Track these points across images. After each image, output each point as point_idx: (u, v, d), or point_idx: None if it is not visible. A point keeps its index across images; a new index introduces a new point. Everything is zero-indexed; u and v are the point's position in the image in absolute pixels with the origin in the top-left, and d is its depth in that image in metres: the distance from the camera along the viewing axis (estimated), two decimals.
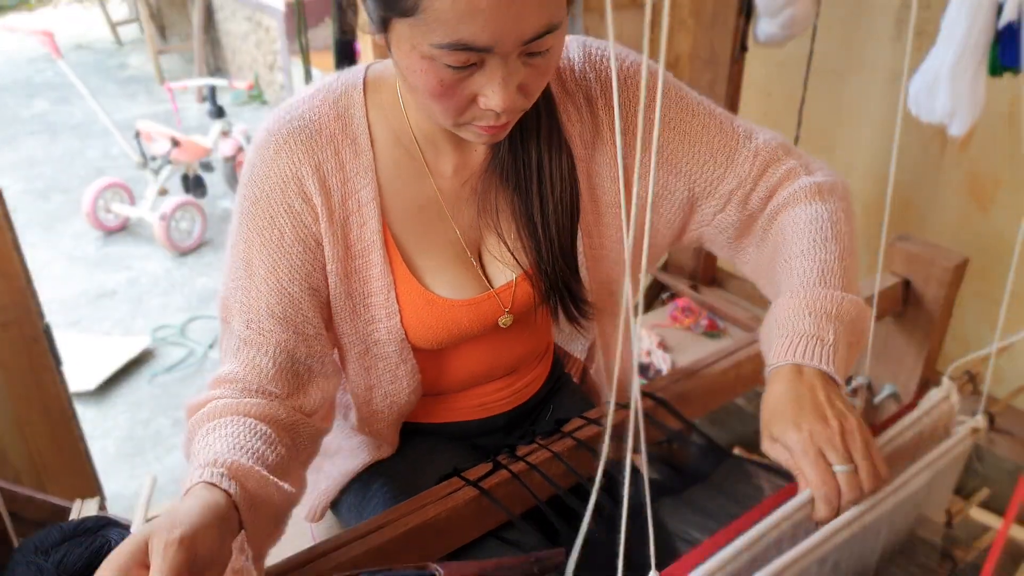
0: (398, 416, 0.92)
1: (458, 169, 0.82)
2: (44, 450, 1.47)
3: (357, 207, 0.79)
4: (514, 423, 1.01)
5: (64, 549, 0.97)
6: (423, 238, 0.83)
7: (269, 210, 0.76)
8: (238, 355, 0.77)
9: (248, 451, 0.68)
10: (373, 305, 0.82)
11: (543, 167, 0.81)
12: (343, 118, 0.78)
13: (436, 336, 0.84)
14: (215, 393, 0.76)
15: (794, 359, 0.69)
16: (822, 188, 0.85)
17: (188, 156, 3.68)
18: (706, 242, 0.92)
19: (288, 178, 0.76)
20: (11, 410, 1.42)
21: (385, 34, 0.68)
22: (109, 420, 2.43)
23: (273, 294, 0.77)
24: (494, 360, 0.93)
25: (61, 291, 3.18)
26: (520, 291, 0.86)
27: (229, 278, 0.80)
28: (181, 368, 2.70)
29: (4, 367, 1.37)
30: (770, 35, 1.75)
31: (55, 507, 1.19)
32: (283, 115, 0.78)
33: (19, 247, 1.35)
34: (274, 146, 0.76)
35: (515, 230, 0.83)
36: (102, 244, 3.59)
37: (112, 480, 2.11)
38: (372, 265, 0.80)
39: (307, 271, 0.78)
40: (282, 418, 0.76)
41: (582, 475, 0.86)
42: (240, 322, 0.78)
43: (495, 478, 0.84)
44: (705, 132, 0.84)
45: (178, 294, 3.18)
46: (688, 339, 1.88)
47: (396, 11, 0.63)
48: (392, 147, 0.80)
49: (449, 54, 0.63)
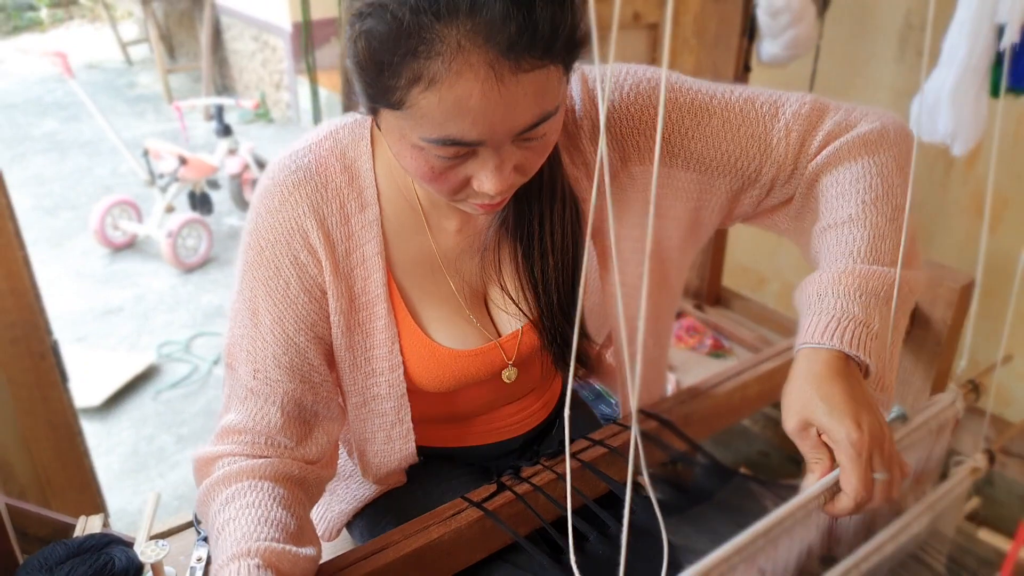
0: (393, 469, 0.91)
1: (462, 227, 0.82)
2: (49, 466, 1.47)
3: (361, 260, 0.78)
4: (529, 444, 1.01)
5: (68, 566, 0.97)
6: (427, 290, 0.82)
7: (275, 260, 0.76)
8: (245, 404, 0.77)
9: (272, 523, 0.69)
10: (375, 358, 0.81)
11: (544, 221, 0.79)
12: (350, 171, 0.77)
13: (442, 383, 0.84)
14: (225, 449, 0.76)
15: (841, 345, 0.65)
16: (867, 140, 0.77)
17: (195, 174, 3.71)
18: (748, 222, 0.87)
19: (293, 230, 0.75)
20: (17, 426, 1.42)
21: (374, 117, 0.67)
22: (114, 436, 2.43)
23: (279, 344, 0.77)
24: (500, 398, 0.93)
25: (68, 307, 3.19)
26: (525, 341, 0.85)
27: (235, 325, 0.79)
28: (185, 384, 2.70)
29: (12, 382, 1.38)
30: (773, 55, 1.76)
31: (59, 524, 1.19)
32: (289, 163, 0.76)
33: (29, 264, 1.36)
34: (279, 197, 0.75)
35: (518, 282, 0.82)
36: (109, 261, 3.61)
37: (116, 496, 2.11)
38: (376, 318, 0.80)
39: (313, 321, 0.78)
40: (295, 474, 0.77)
41: (587, 496, 0.85)
42: (247, 371, 0.77)
43: (500, 499, 0.84)
44: (729, 128, 0.78)
45: (183, 311, 3.19)
46: (693, 359, 1.87)
47: (382, 103, 0.62)
48: (397, 201, 0.79)
49: (438, 148, 0.62)
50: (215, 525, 0.72)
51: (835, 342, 0.65)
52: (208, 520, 0.74)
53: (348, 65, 0.63)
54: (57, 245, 3.75)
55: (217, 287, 3.38)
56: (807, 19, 1.68)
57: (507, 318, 0.85)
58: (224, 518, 0.71)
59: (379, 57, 0.59)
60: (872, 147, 0.77)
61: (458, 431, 0.96)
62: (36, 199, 4.23)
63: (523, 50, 0.57)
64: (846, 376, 0.64)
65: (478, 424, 0.95)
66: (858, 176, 0.75)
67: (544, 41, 0.58)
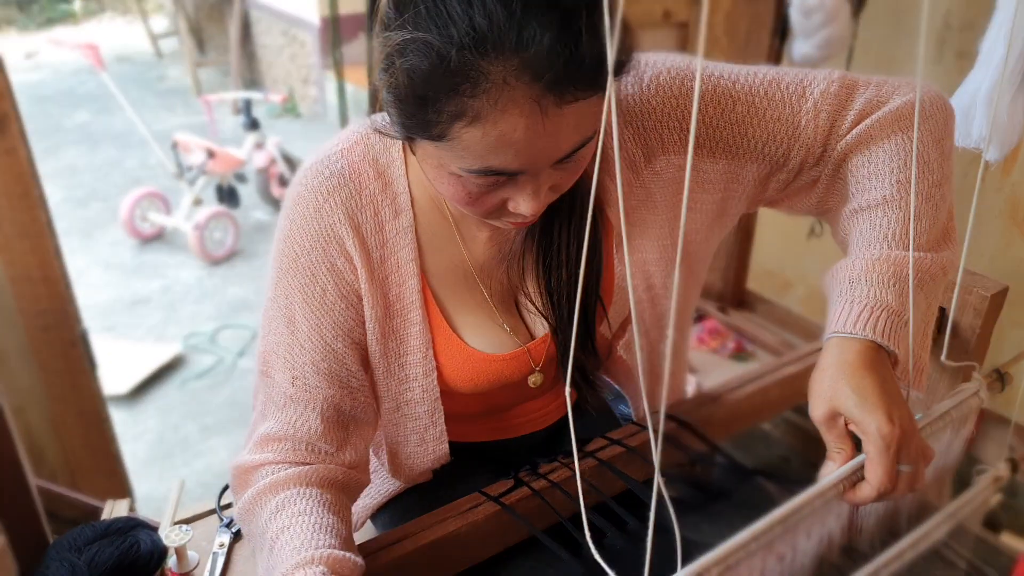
0: (425, 469, 0.92)
1: (493, 235, 0.81)
2: (78, 451, 1.51)
3: (396, 267, 0.78)
4: (555, 437, 1.01)
5: (96, 548, 1.00)
6: (460, 296, 0.82)
7: (310, 267, 0.75)
8: (284, 412, 0.77)
9: (327, 529, 0.70)
10: (409, 364, 0.81)
11: (563, 231, 0.79)
12: (383, 177, 0.76)
13: (476, 385, 0.84)
14: (266, 457, 0.77)
15: (874, 335, 0.64)
16: (900, 115, 0.74)
17: (222, 167, 3.76)
18: (772, 206, 0.85)
19: (329, 237, 0.75)
20: (48, 411, 1.46)
21: (409, 144, 0.67)
22: (140, 424, 2.47)
23: (318, 350, 0.76)
24: (527, 394, 0.94)
25: (97, 297, 3.25)
26: (552, 346, 0.85)
27: (270, 332, 0.79)
28: (211, 375, 2.74)
29: (43, 369, 1.41)
30: (805, 55, 1.74)
31: (88, 507, 1.22)
32: (322, 169, 0.76)
33: (60, 254, 1.39)
34: (314, 203, 0.75)
35: (540, 290, 0.82)
36: (138, 252, 3.67)
37: (142, 482, 2.15)
38: (411, 324, 0.80)
39: (350, 327, 0.77)
40: (339, 480, 0.78)
41: (604, 493, 0.86)
42: (284, 378, 0.77)
43: (516, 494, 0.85)
44: (755, 112, 0.75)
45: (209, 303, 3.23)
46: (714, 362, 1.86)
47: (421, 135, 0.62)
48: (429, 209, 0.79)
49: (478, 177, 0.62)
50: (267, 534, 0.71)
51: (868, 332, 0.64)
52: (256, 529, 0.74)
53: (385, 97, 0.62)
54: (87, 236, 3.82)
55: (243, 280, 3.42)
56: (841, 18, 1.66)
57: (535, 324, 0.85)
58: (277, 526, 0.71)
59: (421, 92, 0.58)
60: (906, 122, 0.74)
61: (486, 426, 0.96)
62: (68, 190, 4.31)
63: (568, 83, 0.57)
64: (878, 367, 0.63)
65: (506, 419, 0.96)
66: (892, 154, 0.72)
67: (589, 73, 0.57)
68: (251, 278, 3.43)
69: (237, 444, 2.36)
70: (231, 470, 0.80)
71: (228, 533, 1.13)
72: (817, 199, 0.81)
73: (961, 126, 1.22)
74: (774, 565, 0.58)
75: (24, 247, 1.31)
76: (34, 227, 1.31)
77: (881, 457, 0.59)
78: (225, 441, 2.39)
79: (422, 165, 0.68)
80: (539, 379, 0.87)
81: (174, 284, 3.39)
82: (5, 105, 1.21)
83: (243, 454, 0.79)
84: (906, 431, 0.60)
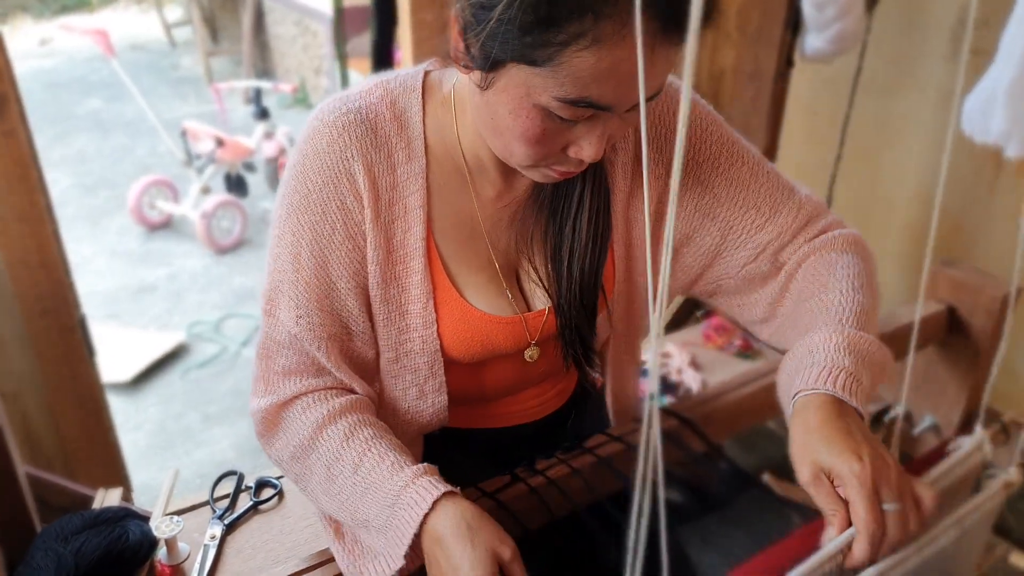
0: (418, 432, 0.91)
1: (501, 194, 0.81)
2: (75, 438, 1.50)
3: (403, 212, 0.77)
4: (542, 432, 0.99)
5: (83, 537, 0.98)
6: (463, 253, 0.82)
7: (322, 204, 0.75)
8: (291, 348, 0.78)
9: (405, 450, 0.75)
10: (409, 313, 0.81)
11: (583, 201, 0.80)
12: (400, 119, 0.76)
13: (471, 349, 0.83)
14: (294, 390, 0.78)
15: (834, 390, 0.67)
16: (857, 242, 0.85)
17: (231, 156, 3.75)
18: (720, 295, 0.89)
19: (341, 172, 0.74)
20: (45, 398, 1.45)
21: (489, 73, 0.66)
22: (142, 413, 2.47)
23: (323, 288, 0.77)
24: (523, 375, 0.92)
25: (103, 284, 3.25)
26: (549, 322, 0.85)
27: (275, 270, 0.78)
28: (214, 364, 2.74)
29: (40, 355, 1.40)
30: (817, 50, 1.71)
31: (79, 495, 1.20)
32: (339, 105, 0.75)
33: (59, 238, 1.38)
34: (328, 137, 0.74)
35: (543, 262, 0.83)
36: (145, 240, 3.67)
37: (141, 472, 2.14)
38: (412, 272, 0.79)
39: (355, 268, 0.77)
40: (374, 410, 0.81)
41: (601, 492, 0.84)
42: (289, 317, 0.77)
43: (513, 491, 0.83)
44: (754, 180, 0.83)
45: (215, 291, 3.23)
46: (720, 359, 1.84)
47: (523, 59, 0.61)
48: (443, 158, 0.79)
49: (568, 108, 0.62)
50: (344, 458, 0.74)
51: (828, 386, 0.67)
52: (323, 458, 0.76)
53: (474, 23, 0.62)
54: (95, 223, 3.83)
55: (249, 269, 3.41)
56: (855, 12, 1.62)
57: (535, 296, 0.85)
58: (356, 451, 0.74)
59: (545, 11, 0.58)
60: (860, 250, 0.85)
61: (476, 411, 0.95)
62: (77, 177, 4.32)
63: (675, 25, 0.59)
64: (841, 416, 0.66)
65: (493, 407, 0.94)
66: (848, 264, 0.81)
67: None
68: (258, 267, 3.43)
69: (240, 434, 2.35)
70: (254, 415, 0.80)
71: (220, 525, 1.12)
72: (775, 290, 0.85)
73: (979, 122, 1.19)
74: None
75: (22, 231, 1.30)
76: (33, 211, 1.30)
77: (859, 498, 0.60)
78: (227, 431, 2.39)
79: (495, 99, 0.66)
80: (535, 353, 0.86)
81: (180, 272, 3.38)
82: (5, 86, 1.20)
83: (263, 397, 0.80)
84: (878, 467, 0.61)
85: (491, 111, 0.68)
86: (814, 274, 0.82)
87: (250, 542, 1.07)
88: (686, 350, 1.84)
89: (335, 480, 0.75)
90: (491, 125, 0.69)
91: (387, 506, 0.70)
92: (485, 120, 0.69)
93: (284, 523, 1.10)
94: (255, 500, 1.18)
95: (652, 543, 0.53)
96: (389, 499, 0.70)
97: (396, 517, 0.69)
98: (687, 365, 1.79)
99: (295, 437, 0.78)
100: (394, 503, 0.69)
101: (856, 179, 2.06)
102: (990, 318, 1.16)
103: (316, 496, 0.78)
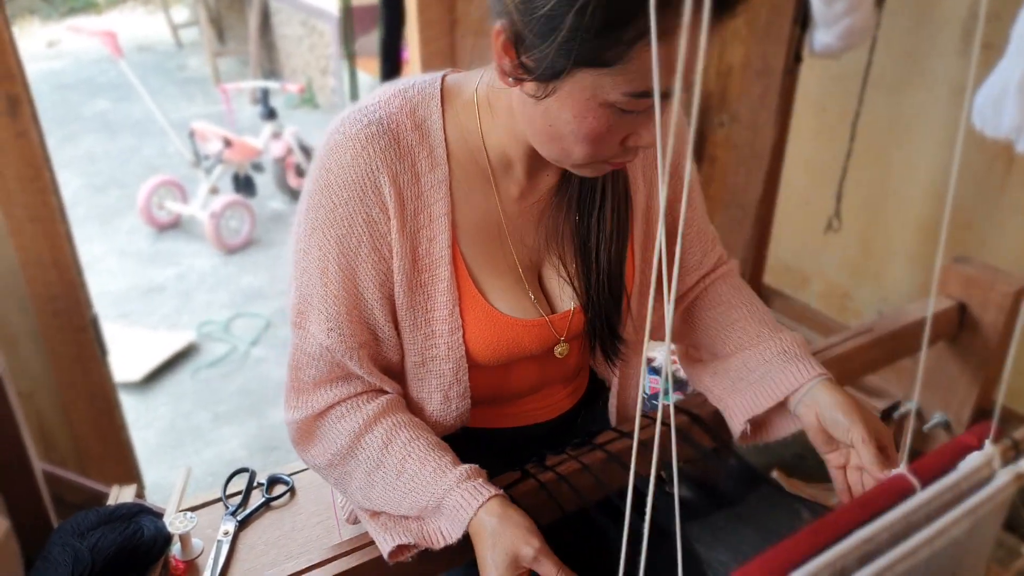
0: (448, 427, 0.91)
1: (524, 193, 0.82)
2: (88, 436, 1.51)
3: (428, 221, 0.78)
4: (554, 432, 1.00)
5: (99, 533, 0.99)
6: (487, 257, 0.82)
7: (348, 218, 0.75)
8: (323, 360, 0.79)
9: (446, 448, 0.78)
10: (435, 320, 0.81)
11: (605, 192, 0.81)
12: (421, 128, 0.77)
13: (497, 353, 0.83)
14: (330, 399, 0.80)
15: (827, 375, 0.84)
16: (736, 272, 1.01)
17: (239, 156, 3.76)
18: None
19: (367, 187, 0.74)
20: (58, 396, 1.46)
21: (551, 82, 0.66)
22: (152, 411, 2.48)
23: (351, 300, 0.77)
24: (545, 377, 0.93)
25: (113, 284, 3.27)
26: (576, 320, 0.85)
27: (302, 284, 0.79)
28: (224, 364, 2.75)
29: (53, 354, 1.41)
30: (826, 46, 1.70)
31: (94, 492, 1.22)
32: (360, 117, 0.75)
33: (72, 239, 1.39)
34: (352, 150, 0.74)
35: (572, 258, 0.84)
36: (154, 240, 3.69)
37: (152, 470, 2.16)
38: (439, 280, 0.80)
39: (381, 280, 0.78)
40: (401, 401, 0.83)
41: (611, 488, 0.84)
42: (320, 329, 0.78)
43: (523, 487, 0.83)
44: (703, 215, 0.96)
45: (224, 291, 3.24)
46: None
47: (594, 62, 0.62)
48: (466, 163, 0.79)
49: (635, 101, 0.64)
50: (387, 462, 0.77)
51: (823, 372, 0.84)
52: (364, 464, 0.78)
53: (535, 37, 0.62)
54: (105, 223, 3.85)
55: (258, 269, 3.43)
56: (864, 7, 1.62)
57: (560, 296, 0.85)
58: (398, 455, 0.76)
59: (613, 13, 0.59)
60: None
61: (492, 412, 0.95)
62: (86, 177, 4.34)
63: (726, 8, 0.61)
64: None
65: (512, 406, 0.95)
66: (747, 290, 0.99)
67: (732, 4, 0.62)
68: (266, 267, 3.44)
69: (249, 433, 2.36)
70: (289, 425, 0.82)
71: (233, 521, 1.12)
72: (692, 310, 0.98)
73: (990, 117, 1.18)
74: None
75: (35, 231, 1.31)
76: (45, 211, 1.31)
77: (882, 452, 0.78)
78: (237, 430, 2.40)
79: (559, 107, 0.67)
80: (565, 349, 0.87)
81: (189, 272, 3.40)
82: (17, 88, 1.21)
83: (296, 410, 0.81)
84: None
85: (549, 118, 0.68)
86: (734, 294, 0.97)
87: (263, 538, 1.08)
88: None
89: (375, 486, 0.77)
90: (548, 132, 0.69)
91: (433, 508, 0.74)
92: (540, 128, 0.70)
93: (296, 519, 1.11)
94: (267, 496, 1.19)
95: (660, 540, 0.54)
96: (434, 501, 0.74)
97: (442, 519, 0.74)
98: None
99: (332, 446, 0.79)
100: (439, 505, 0.73)
101: (866, 176, 2.06)
102: (1002, 314, 1.16)
103: (353, 496, 0.80)
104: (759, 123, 1.85)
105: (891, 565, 0.58)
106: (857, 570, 0.58)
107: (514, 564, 0.69)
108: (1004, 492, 0.66)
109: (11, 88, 1.20)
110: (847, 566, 0.59)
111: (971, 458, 0.69)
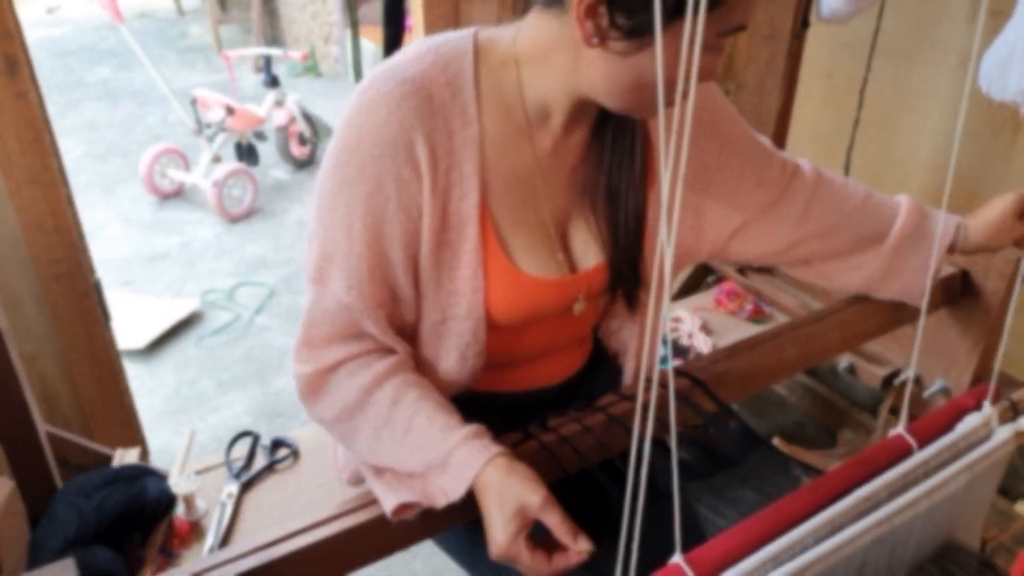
0: (448, 394, 0.92)
1: (557, 146, 0.82)
2: (92, 399, 1.52)
3: (459, 179, 0.77)
4: (562, 395, 1.00)
5: (104, 493, 1.01)
6: (516, 215, 0.82)
7: (378, 177, 0.75)
8: (339, 317, 0.79)
9: (452, 409, 0.78)
10: (458, 279, 0.82)
11: (636, 139, 0.83)
12: (453, 85, 0.76)
13: (517, 314, 0.84)
14: (340, 355, 0.80)
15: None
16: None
17: (242, 124, 3.74)
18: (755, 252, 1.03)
19: (399, 145, 0.74)
20: (62, 359, 1.47)
21: (645, 36, 0.67)
22: (156, 378, 2.50)
23: (374, 258, 0.78)
24: (558, 338, 0.93)
25: (116, 252, 3.27)
26: (596, 277, 0.86)
27: (325, 241, 0.78)
28: (227, 332, 2.76)
29: (57, 317, 1.41)
30: (834, 11, 1.67)
31: (99, 454, 1.23)
32: (393, 74, 0.74)
33: (73, 203, 1.38)
34: (386, 109, 0.73)
35: (602, 207, 0.84)
36: (157, 208, 3.68)
37: (156, 436, 2.17)
38: (465, 239, 0.80)
39: (407, 240, 0.78)
40: (410, 361, 0.84)
41: (613, 449, 0.84)
42: (340, 286, 0.78)
43: (525, 448, 0.84)
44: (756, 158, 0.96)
45: (227, 259, 3.24)
46: (732, 324, 1.83)
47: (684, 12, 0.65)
48: (498, 120, 0.79)
49: (723, 39, 0.69)
50: (395, 419, 0.77)
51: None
52: (371, 420, 0.79)
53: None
54: (108, 191, 3.83)
55: (261, 237, 3.42)
56: None
57: (584, 252, 0.86)
58: (406, 413, 0.77)
59: None
60: None
61: (501, 375, 0.96)
62: (88, 145, 4.32)
63: None
64: None
65: (522, 369, 0.95)
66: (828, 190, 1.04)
67: None
68: (269, 236, 3.43)
69: (253, 400, 2.38)
70: (297, 379, 0.82)
71: (236, 483, 1.14)
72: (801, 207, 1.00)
73: (997, 80, 1.17)
74: None
75: (35, 193, 1.30)
76: (46, 174, 1.30)
77: None
78: (241, 396, 2.41)
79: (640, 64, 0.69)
80: (583, 307, 0.88)
81: (192, 241, 3.40)
82: (15, 48, 1.20)
83: (306, 363, 0.81)
84: None
85: (638, 71, 0.69)
86: (845, 183, 1.02)
87: (267, 499, 1.09)
88: (697, 315, 1.84)
89: (383, 442, 0.78)
90: (634, 84, 0.71)
91: (439, 465, 0.74)
92: (624, 82, 0.71)
93: (300, 481, 1.12)
94: (271, 459, 1.20)
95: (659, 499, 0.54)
96: (441, 458, 0.74)
97: (446, 476, 0.74)
98: (698, 330, 1.79)
99: (340, 401, 0.79)
100: (445, 462, 0.74)
101: (873, 144, 2.04)
102: (1003, 281, 1.15)
103: (358, 451, 0.81)
104: (765, 89, 1.82)
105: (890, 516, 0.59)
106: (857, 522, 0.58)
107: (520, 513, 0.69)
108: (1002, 449, 0.67)
109: (9, 47, 1.18)
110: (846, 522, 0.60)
111: (969, 419, 0.70)
